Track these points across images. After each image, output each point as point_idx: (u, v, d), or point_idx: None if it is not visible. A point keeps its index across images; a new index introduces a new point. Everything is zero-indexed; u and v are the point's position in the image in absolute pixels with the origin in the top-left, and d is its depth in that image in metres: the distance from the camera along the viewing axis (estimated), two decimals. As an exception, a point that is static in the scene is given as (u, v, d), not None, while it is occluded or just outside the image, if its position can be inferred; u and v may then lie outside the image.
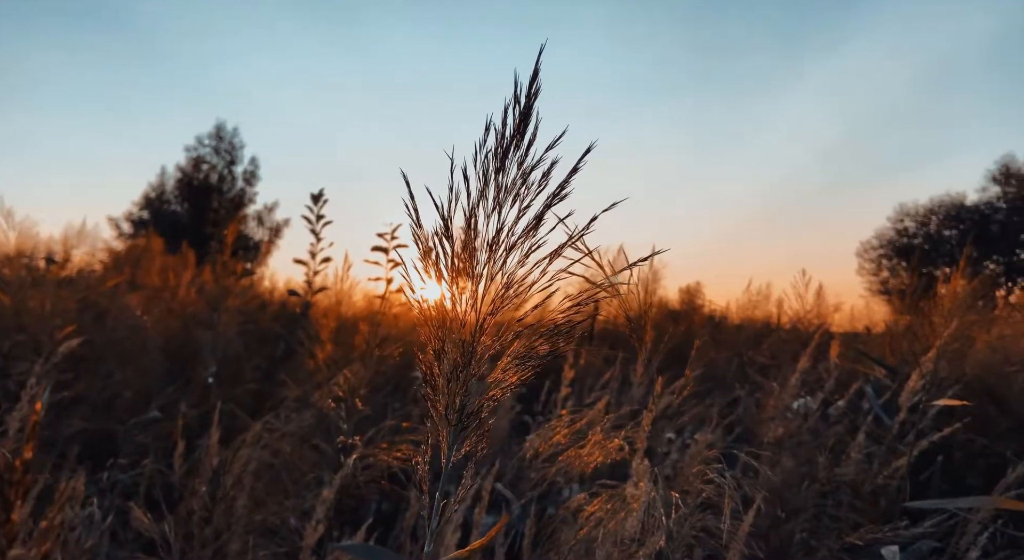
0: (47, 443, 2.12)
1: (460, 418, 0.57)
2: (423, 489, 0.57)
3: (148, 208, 19.49)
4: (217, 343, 2.64)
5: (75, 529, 1.48)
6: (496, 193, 0.58)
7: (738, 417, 2.46)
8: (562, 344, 0.60)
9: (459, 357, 0.56)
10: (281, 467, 1.58)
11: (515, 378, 0.59)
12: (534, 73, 0.59)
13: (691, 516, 1.07)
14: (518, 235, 0.58)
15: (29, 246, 6.49)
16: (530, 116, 0.59)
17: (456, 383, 0.56)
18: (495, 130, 0.58)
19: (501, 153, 0.58)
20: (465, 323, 0.56)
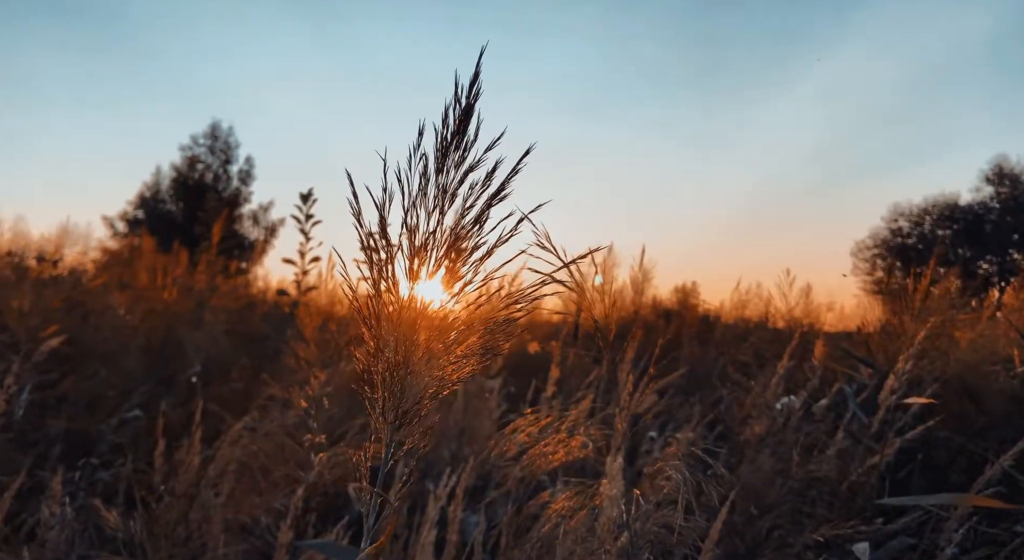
0: (29, 442, 2.13)
1: (397, 416, 0.57)
2: (363, 487, 0.58)
3: (143, 207, 19.46)
4: (202, 342, 2.64)
5: (52, 528, 1.49)
6: (436, 193, 0.59)
7: (719, 416, 2.47)
8: (501, 341, 0.60)
9: (396, 355, 0.57)
10: (256, 467, 1.58)
11: (456, 376, 0.59)
12: (475, 74, 0.60)
13: (655, 513, 1.08)
14: (455, 235, 0.59)
15: (20, 245, 6.50)
16: (471, 117, 0.60)
17: (393, 381, 0.57)
18: (435, 131, 0.59)
19: (440, 154, 0.59)
20: (401, 321, 0.57)
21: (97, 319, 2.77)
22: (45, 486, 1.65)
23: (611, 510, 1.11)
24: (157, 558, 1.32)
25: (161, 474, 1.77)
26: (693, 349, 3.85)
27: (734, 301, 4.88)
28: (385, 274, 0.57)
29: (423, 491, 2.01)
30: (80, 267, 6.15)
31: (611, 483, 1.18)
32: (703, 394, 3.04)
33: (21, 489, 1.61)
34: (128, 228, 18.89)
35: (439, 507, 1.65)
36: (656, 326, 5.18)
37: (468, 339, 0.59)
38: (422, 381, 0.58)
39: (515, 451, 1.10)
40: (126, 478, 1.81)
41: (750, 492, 1.71)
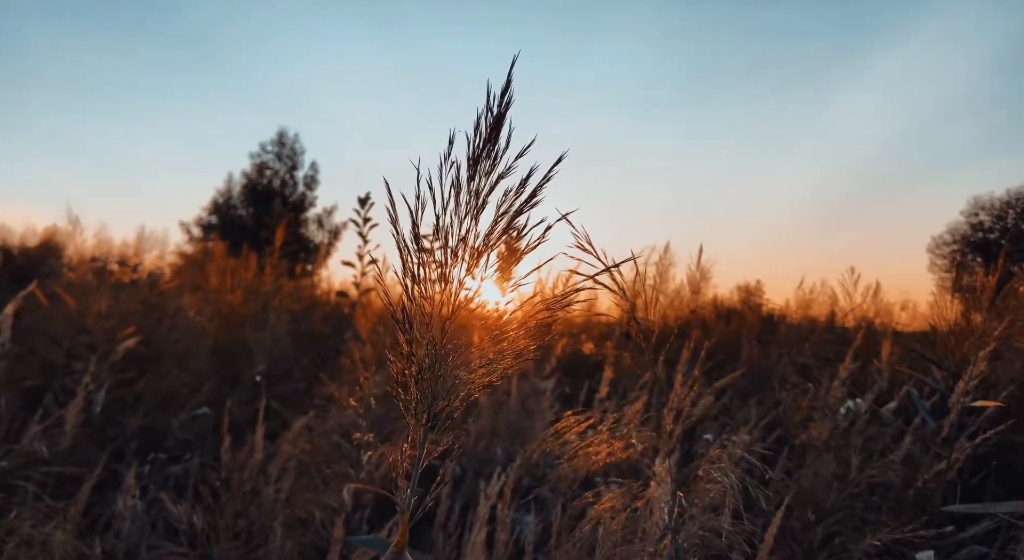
0: (107, 438, 2.26)
1: (430, 417, 0.59)
2: (398, 486, 0.60)
3: (216, 213, 20.33)
4: (266, 343, 2.74)
5: (125, 520, 1.58)
6: (468, 199, 0.60)
7: (778, 418, 2.40)
8: (532, 346, 0.61)
9: (429, 358, 0.58)
10: (311, 464, 1.64)
11: (487, 379, 0.61)
12: (506, 83, 0.61)
13: (702, 517, 1.07)
14: (486, 240, 0.60)
15: (104, 251, 6.90)
16: (502, 125, 0.61)
17: (425, 383, 0.58)
18: (468, 140, 0.61)
19: (472, 162, 0.60)
20: (433, 325, 0.58)
21: (170, 321, 2.92)
22: (120, 480, 1.75)
23: (658, 513, 1.10)
24: (218, 550, 1.39)
25: (226, 469, 1.85)
26: (753, 350, 3.76)
27: (799, 300, 4.73)
28: (417, 278, 0.59)
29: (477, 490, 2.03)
30: (158, 271, 6.49)
31: (659, 485, 1.17)
32: (762, 396, 2.97)
33: (98, 482, 1.72)
34: (203, 233, 19.77)
35: (489, 506, 1.67)
36: (715, 326, 5.08)
37: (500, 343, 0.60)
38: (453, 383, 0.59)
39: (559, 451, 1.10)
40: (194, 473, 1.90)
41: (808, 497, 1.66)
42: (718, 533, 0.99)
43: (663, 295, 4.87)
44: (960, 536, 1.56)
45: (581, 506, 1.11)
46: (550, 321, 0.62)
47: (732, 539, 1.01)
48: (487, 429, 2.55)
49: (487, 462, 2.48)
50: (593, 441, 1.07)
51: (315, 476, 1.68)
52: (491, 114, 0.61)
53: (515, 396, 2.78)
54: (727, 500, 0.94)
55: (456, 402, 0.60)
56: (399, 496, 0.59)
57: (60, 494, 1.66)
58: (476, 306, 0.60)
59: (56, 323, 2.61)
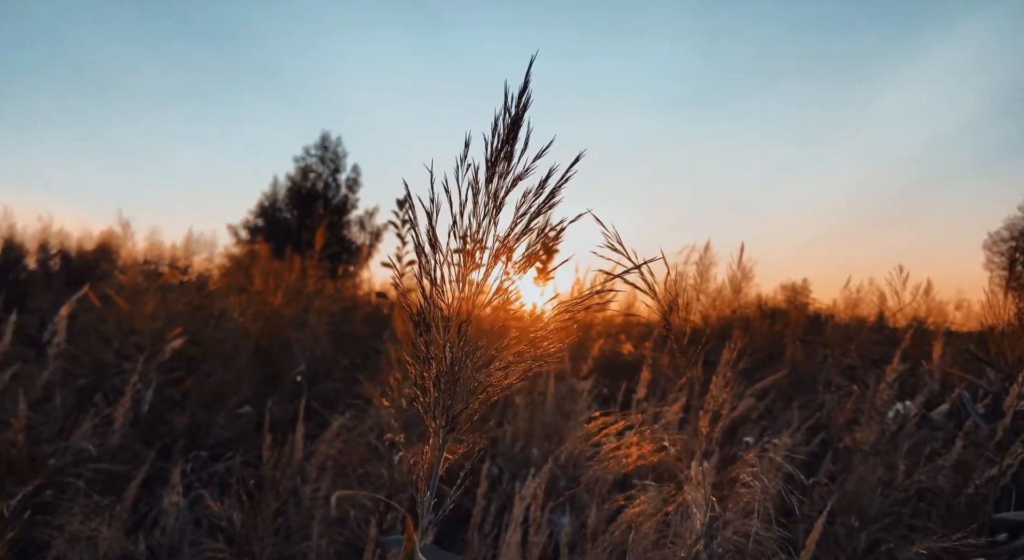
0: (155, 436, 2.34)
1: (449, 420, 0.59)
2: (419, 488, 0.60)
3: (262, 216, 20.83)
4: (307, 343, 2.80)
5: (170, 516, 1.63)
6: (486, 201, 0.60)
7: (821, 421, 2.34)
8: (553, 348, 0.61)
9: (446, 360, 0.58)
10: (347, 463, 1.66)
11: (506, 381, 0.60)
12: (524, 85, 0.61)
13: (737, 522, 1.04)
14: (504, 242, 0.60)
15: (155, 253, 7.14)
16: (519, 126, 0.61)
17: (444, 386, 0.58)
18: (485, 142, 0.60)
19: (490, 164, 0.60)
20: (451, 327, 0.58)
21: (215, 321, 3.00)
22: (167, 477, 1.81)
23: (692, 517, 1.08)
24: (256, 547, 1.42)
25: (267, 468, 1.89)
26: (797, 350, 3.67)
27: (846, 299, 4.60)
28: (434, 280, 0.59)
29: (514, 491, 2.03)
30: (206, 273, 6.68)
31: (694, 489, 1.15)
32: (806, 398, 2.89)
33: (145, 479, 1.78)
34: (250, 235, 20.28)
35: (524, 507, 1.66)
36: (759, 326, 4.97)
37: (518, 345, 0.60)
38: (471, 386, 0.59)
39: (590, 453, 1.09)
40: (236, 471, 1.95)
41: (852, 502, 1.61)
42: (755, 539, 0.97)
43: (704, 295, 4.79)
44: (1013, 544, 1.50)
45: (614, 508, 1.10)
46: (570, 323, 0.61)
47: (766, 545, 0.99)
48: (523, 430, 2.55)
49: (524, 463, 2.47)
50: (623, 443, 1.06)
51: (351, 476, 1.70)
52: (509, 115, 0.61)
53: (551, 397, 2.77)
54: (757, 504, 0.91)
55: (475, 405, 0.59)
56: (419, 499, 0.59)
57: (109, 491, 1.73)
58: (495, 308, 0.60)
59: (107, 324, 2.71)
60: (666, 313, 0.98)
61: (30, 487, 1.43)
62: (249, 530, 1.42)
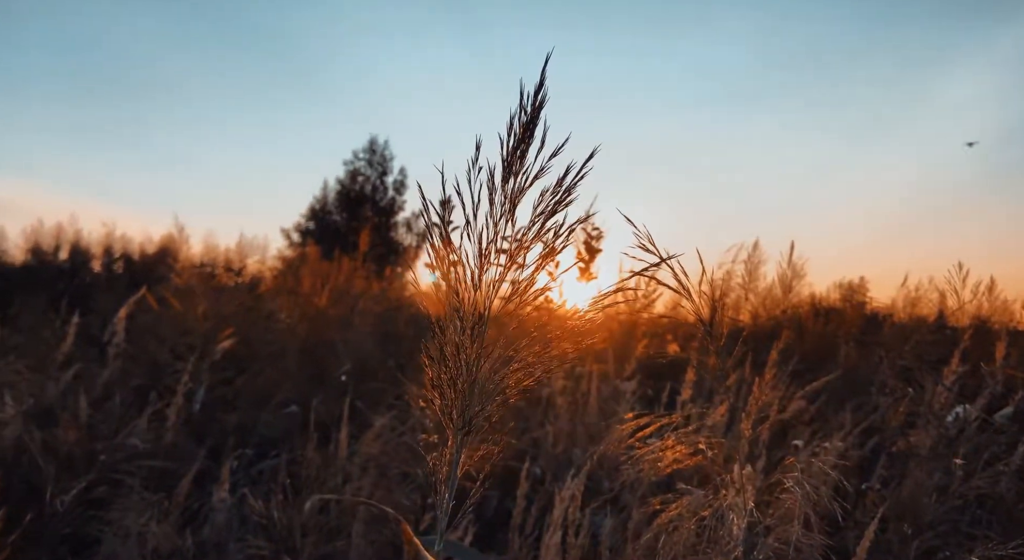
0: (206, 434, 2.41)
1: (465, 422, 0.58)
2: (436, 490, 0.60)
3: (313, 219, 21.30)
4: (352, 343, 2.84)
5: (219, 513, 1.68)
6: (502, 200, 0.60)
7: (875, 424, 2.25)
8: (572, 350, 0.60)
9: (462, 362, 0.58)
10: (386, 463, 1.68)
11: (524, 383, 0.59)
12: (540, 82, 0.60)
13: (779, 528, 1.01)
14: (519, 241, 0.59)
15: (211, 256, 7.38)
16: (535, 125, 0.60)
17: (460, 388, 0.58)
18: (500, 140, 0.60)
19: (506, 163, 0.59)
20: (465, 328, 0.58)
21: (264, 322, 3.08)
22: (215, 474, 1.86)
23: (732, 522, 1.05)
24: (299, 544, 1.45)
25: (311, 467, 1.93)
26: (851, 351, 3.54)
27: (905, 298, 4.42)
28: (450, 280, 0.58)
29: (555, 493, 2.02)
30: (259, 275, 6.88)
31: (736, 494, 1.12)
32: (860, 401, 2.79)
33: (196, 476, 1.83)
34: (301, 238, 20.77)
35: (564, 508, 1.65)
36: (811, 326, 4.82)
37: (534, 346, 0.59)
38: (487, 387, 0.58)
39: (626, 455, 1.07)
40: (282, 469, 1.99)
41: (906, 508, 1.54)
42: (796, 547, 0.94)
43: (753, 294, 4.67)
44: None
45: (651, 512, 1.08)
46: (585, 325, 0.60)
47: (808, 553, 0.95)
48: (565, 431, 2.54)
49: (566, 464, 2.46)
50: (657, 446, 1.04)
51: (391, 475, 1.72)
52: (524, 114, 0.60)
53: (594, 398, 2.74)
54: (798, 510, 0.88)
55: (493, 407, 0.59)
56: (436, 501, 0.59)
57: (161, 487, 1.79)
58: (512, 308, 0.59)
59: (162, 325, 2.81)
60: (701, 312, 0.95)
61: (83, 483, 1.49)
62: (291, 528, 1.45)
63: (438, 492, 0.60)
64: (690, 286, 1.06)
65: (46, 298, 3.94)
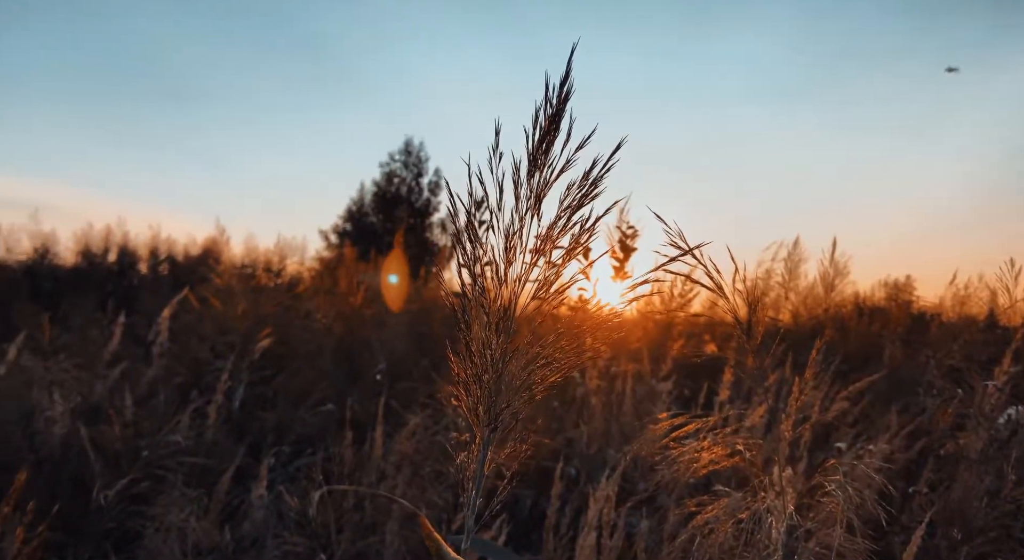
0: (246, 431, 2.46)
1: (492, 419, 0.58)
2: (463, 488, 0.59)
3: (350, 220, 21.60)
4: (386, 343, 2.86)
5: (258, 509, 1.71)
6: (528, 194, 0.59)
7: (922, 427, 2.17)
8: (599, 345, 0.58)
9: (488, 358, 0.57)
10: (421, 462, 1.68)
11: (550, 379, 0.58)
12: (565, 74, 0.59)
13: (820, 532, 0.98)
14: (546, 236, 0.58)
15: (251, 258, 7.53)
16: (561, 118, 0.59)
17: (484, 383, 0.57)
18: (525, 133, 0.59)
19: (532, 157, 0.58)
20: (490, 324, 0.57)
21: (301, 322, 3.13)
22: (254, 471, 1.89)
23: (767, 525, 1.02)
24: (334, 541, 1.46)
25: (349, 464, 1.95)
26: (896, 351, 3.44)
27: (953, 297, 4.26)
28: (473, 275, 0.58)
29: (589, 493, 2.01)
30: (297, 275, 7.00)
31: (774, 497, 1.09)
32: (906, 402, 2.70)
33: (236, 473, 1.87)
34: (338, 239, 21.08)
35: (599, 509, 1.63)
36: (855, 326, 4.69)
37: (560, 342, 0.58)
38: (513, 383, 0.57)
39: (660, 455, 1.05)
40: (319, 466, 2.01)
41: (955, 513, 1.48)
42: (839, 552, 0.90)
43: (793, 292, 4.57)
44: None
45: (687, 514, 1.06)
46: (614, 320, 0.59)
47: (852, 558, 0.92)
48: (600, 431, 2.51)
49: (600, 465, 2.44)
50: (694, 447, 1.01)
51: (424, 474, 1.72)
52: (550, 106, 0.59)
53: (630, 398, 2.71)
54: (839, 514, 0.85)
55: (519, 404, 0.58)
56: (464, 499, 0.59)
57: (202, 484, 1.83)
58: (539, 303, 0.58)
59: (204, 324, 2.88)
60: (737, 310, 0.93)
61: (126, 479, 1.53)
62: (328, 525, 1.46)
63: (465, 489, 0.59)
64: (724, 284, 1.03)
65: (95, 299, 4.08)
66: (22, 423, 1.95)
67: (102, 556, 1.57)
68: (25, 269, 6.29)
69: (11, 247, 6.51)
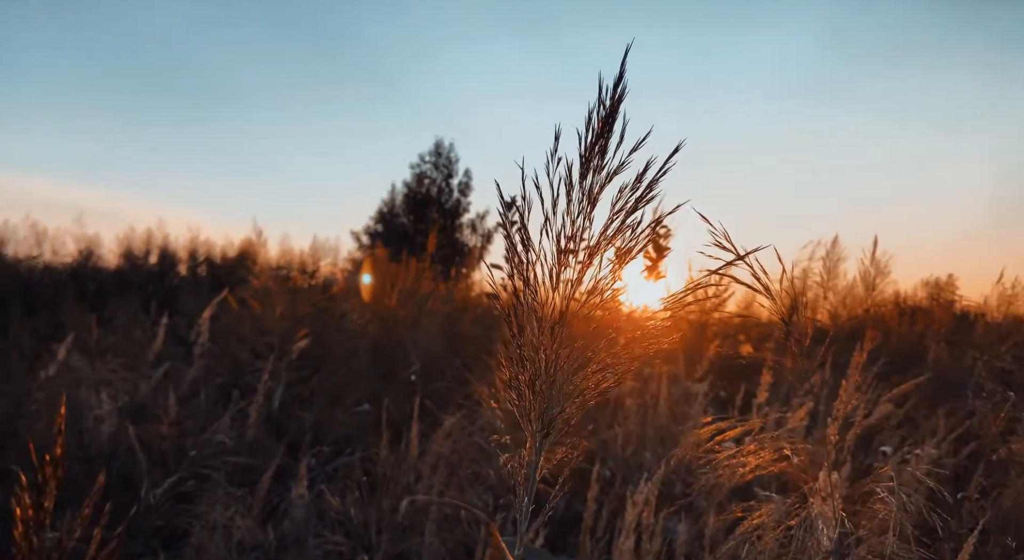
0: (285, 431, 2.50)
1: (544, 424, 0.57)
2: (516, 493, 0.59)
3: (381, 221, 21.81)
4: (420, 344, 2.88)
5: (297, 508, 1.73)
6: (580, 197, 0.58)
7: (971, 430, 2.11)
8: (651, 349, 0.58)
9: (541, 363, 0.57)
10: (457, 463, 1.69)
11: (602, 385, 0.58)
12: (619, 75, 0.58)
13: (870, 539, 0.96)
14: (600, 239, 0.57)
15: (286, 259, 7.64)
16: (615, 119, 0.58)
17: (539, 389, 0.57)
18: (579, 136, 0.58)
19: (584, 159, 0.58)
20: (544, 329, 0.57)
21: (337, 323, 3.16)
22: (294, 470, 1.92)
23: (818, 532, 1.00)
24: (374, 541, 1.47)
25: (386, 464, 1.96)
26: (941, 352, 3.35)
27: (1000, 296, 4.13)
28: (526, 280, 0.57)
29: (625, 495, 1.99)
30: (331, 276, 7.09)
31: (821, 502, 1.06)
32: (953, 405, 2.63)
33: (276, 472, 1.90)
34: (370, 240, 21.29)
35: (637, 513, 1.62)
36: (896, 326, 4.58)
37: (613, 347, 0.57)
38: (567, 389, 0.57)
39: (704, 459, 1.04)
40: (356, 466, 2.03)
41: (1008, 520, 1.43)
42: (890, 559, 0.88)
43: (832, 292, 4.47)
44: None
45: (732, 519, 1.04)
46: (670, 323, 0.58)
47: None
48: (635, 433, 2.49)
49: (635, 467, 2.42)
50: (739, 451, 1.00)
51: (462, 475, 1.72)
52: (603, 108, 0.58)
53: (665, 400, 2.69)
54: (892, 522, 0.83)
55: (572, 409, 0.57)
56: (515, 504, 0.58)
57: (244, 482, 1.86)
58: (591, 308, 0.57)
59: (243, 325, 2.93)
60: (784, 313, 0.91)
61: (174, 478, 1.57)
62: (367, 525, 1.48)
63: (517, 495, 0.59)
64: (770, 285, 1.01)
65: (137, 300, 4.18)
66: (71, 421, 2.00)
67: (151, 553, 1.61)
68: (70, 271, 6.48)
69: (57, 250, 6.71)
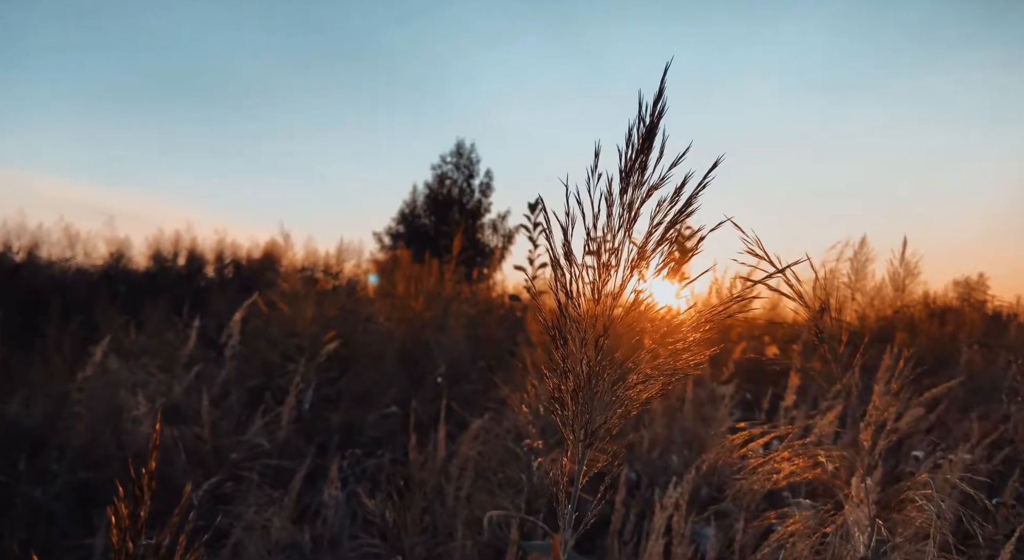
0: (314, 432, 2.53)
1: (588, 434, 0.59)
2: (559, 501, 0.60)
3: (403, 222, 21.94)
4: (446, 346, 2.91)
5: (330, 509, 1.76)
6: (621, 212, 0.59)
7: (1006, 435, 2.08)
8: (692, 361, 0.59)
9: (583, 374, 0.58)
10: (486, 467, 1.70)
11: (644, 396, 0.59)
12: (659, 92, 0.59)
13: (906, 547, 0.95)
14: (641, 252, 0.58)
15: (311, 261, 7.73)
16: (654, 135, 0.59)
17: (582, 399, 0.58)
18: (618, 151, 0.59)
19: (624, 174, 0.59)
20: (587, 341, 0.58)
21: (364, 325, 3.20)
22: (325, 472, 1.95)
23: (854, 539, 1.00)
24: (407, 544, 1.49)
25: (415, 466, 1.99)
26: (974, 354, 3.29)
27: (1031, 296, 4.06)
28: (569, 293, 0.59)
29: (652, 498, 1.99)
30: (355, 278, 7.16)
31: (855, 508, 1.06)
32: (987, 409, 2.59)
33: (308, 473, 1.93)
34: (392, 241, 21.43)
35: (666, 517, 1.62)
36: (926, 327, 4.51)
37: (655, 358, 0.58)
38: (608, 399, 0.58)
39: (736, 465, 1.04)
40: (385, 468, 2.06)
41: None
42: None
43: (860, 293, 4.42)
44: None
45: (764, 525, 1.04)
46: (711, 333, 0.59)
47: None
48: (661, 436, 2.49)
49: (662, 470, 2.41)
50: (774, 457, 1.00)
51: (491, 478, 1.74)
52: (643, 124, 0.59)
53: (690, 402, 2.68)
54: (932, 528, 0.82)
55: (614, 419, 0.59)
56: (559, 513, 0.60)
57: (277, 483, 1.89)
58: (631, 320, 0.58)
59: (273, 327, 2.98)
60: (816, 316, 0.91)
61: (215, 479, 1.60)
62: (400, 527, 1.50)
63: (559, 502, 0.60)
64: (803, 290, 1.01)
65: (168, 302, 4.26)
66: (110, 422, 2.06)
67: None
68: (102, 273, 6.62)
69: (89, 252, 6.87)
